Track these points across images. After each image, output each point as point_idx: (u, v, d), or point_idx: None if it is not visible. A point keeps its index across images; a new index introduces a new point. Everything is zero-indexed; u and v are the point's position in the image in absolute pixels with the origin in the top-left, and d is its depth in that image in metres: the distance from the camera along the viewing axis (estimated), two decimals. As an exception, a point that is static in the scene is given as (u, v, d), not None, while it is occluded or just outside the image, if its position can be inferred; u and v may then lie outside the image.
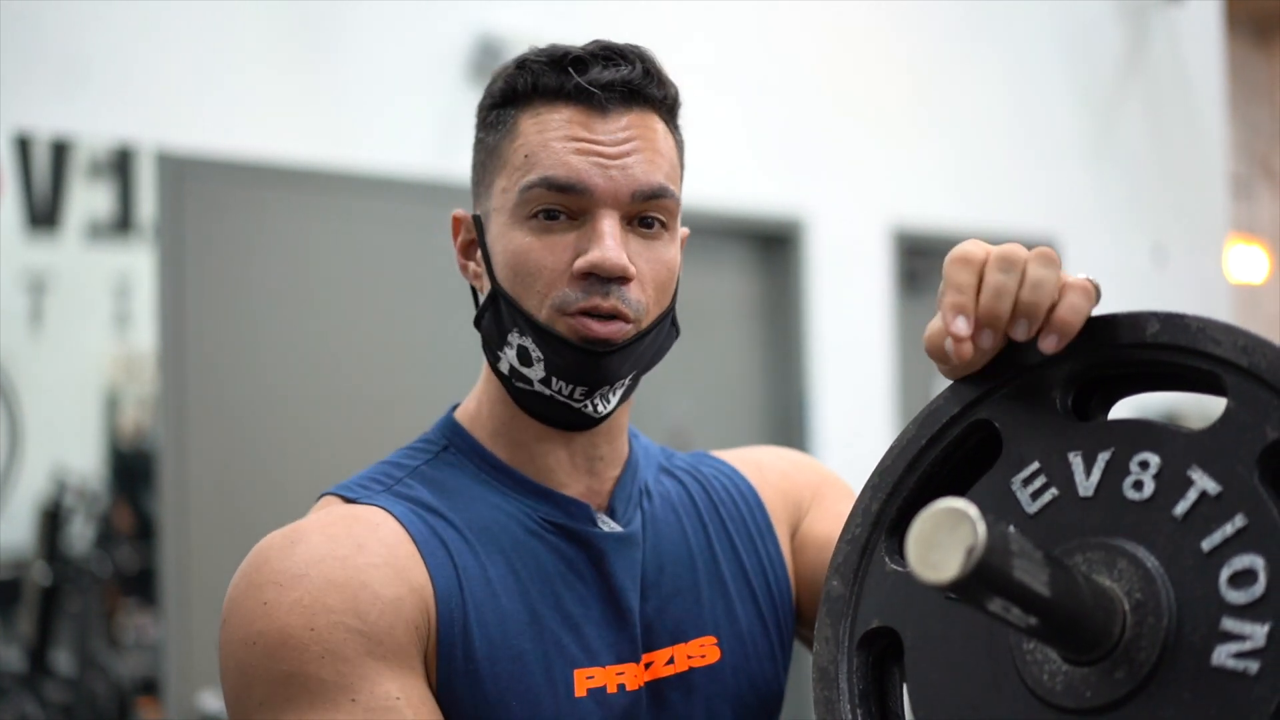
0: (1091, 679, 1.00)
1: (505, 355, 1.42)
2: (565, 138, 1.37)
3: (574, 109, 1.38)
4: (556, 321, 1.37)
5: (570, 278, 1.36)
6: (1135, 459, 1.05)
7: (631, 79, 1.40)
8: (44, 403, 4.25)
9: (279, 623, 1.27)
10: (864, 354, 5.84)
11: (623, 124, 1.39)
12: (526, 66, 1.42)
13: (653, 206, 1.39)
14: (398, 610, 1.30)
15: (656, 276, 1.41)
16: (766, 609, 1.56)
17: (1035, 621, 0.94)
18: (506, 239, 1.39)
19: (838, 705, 1.16)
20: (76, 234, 4.28)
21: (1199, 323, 1.05)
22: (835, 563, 1.20)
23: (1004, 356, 1.15)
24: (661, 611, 1.46)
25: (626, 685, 1.41)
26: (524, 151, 1.39)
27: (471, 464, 1.46)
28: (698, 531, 1.55)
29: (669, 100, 1.45)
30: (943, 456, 1.18)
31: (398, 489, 1.42)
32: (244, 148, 4.05)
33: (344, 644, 1.27)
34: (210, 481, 3.93)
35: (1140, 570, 1.01)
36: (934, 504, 0.87)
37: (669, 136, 1.44)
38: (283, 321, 4.12)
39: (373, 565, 1.31)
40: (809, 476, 1.71)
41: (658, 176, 1.39)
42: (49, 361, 4.31)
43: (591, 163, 1.36)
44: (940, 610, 1.11)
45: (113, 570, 4.27)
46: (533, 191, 1.37)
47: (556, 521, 1.43)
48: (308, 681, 1.25)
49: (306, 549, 1.31)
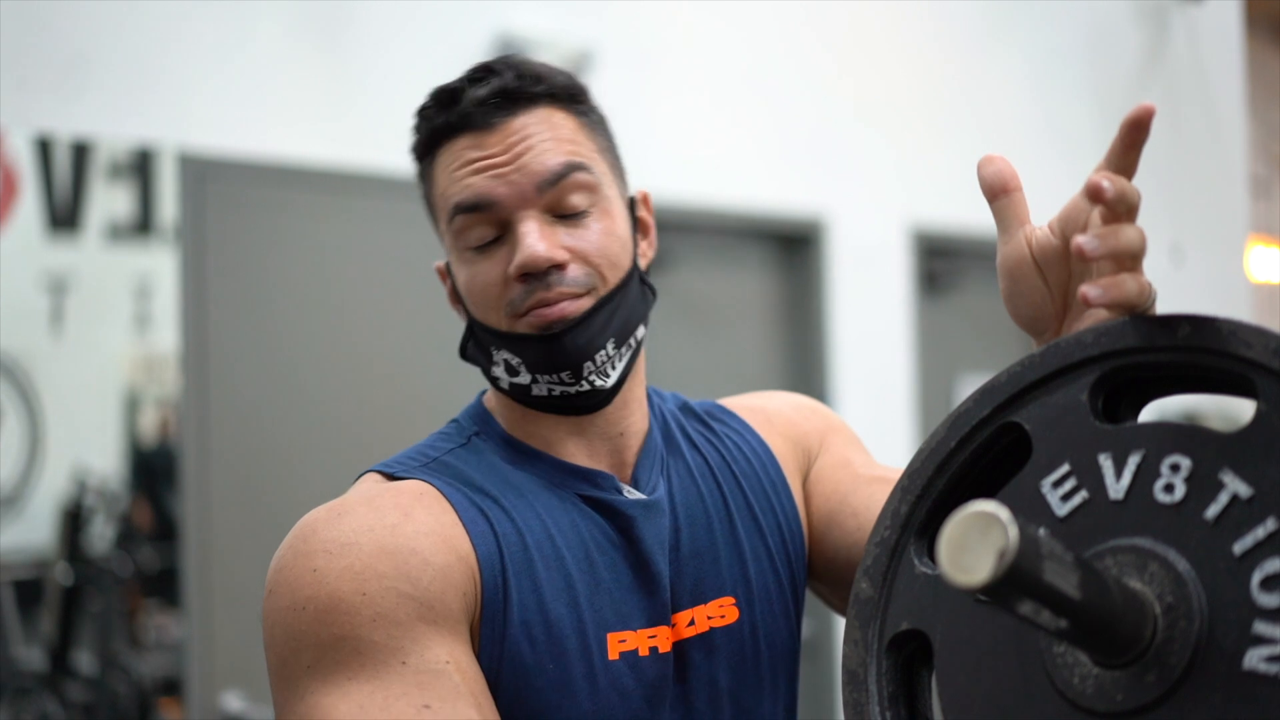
0: (1122, 682, 1.00)
1: (498, 374, 1.48)
2: (463, 164, 1.44)
3: (465, 137, 1.44)
4: (516, 324, 1.43)
5: (511, 283, 1.42)
6: (1166, 461, 1.05)
7: (505, 87, 1.44)
8: (64, 404, 4.26)
9: (330, 588, 1.29)
10: (884, 354, 5.83)
11: (510, 129, 1.44)
12: (420, 117, 1.49)
13: (565, 188, 1.44)
14: (447, 577, 1.34)
15: (598, 247, 1.45)
16: (782, 566, 1.59)
17: (1066, 624, 0.94)
18: (461, 274, 1.47)
19: (867, 708, 1.16)
20: (97, 235, 4.28)
21: (1230, 325, 1.04)
22: (864, 565, 1.20)
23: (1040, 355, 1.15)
24: (682, 573, 1.50)
25: (659, 648, 1.45)
26: (440, 192, 1.47)
27: (500, 447, 1.51)
28: (714, 493, 1.58)
29: (558, 90, 1.48)
30: (972, 459, 1.18)
31: (434, 466, 1.46)
32: (265, 149, 4.05)
33: (396, 608, 1.29)
34: (232, 482, 3.93)
35: (1171, 573, 1.01)
36: (966, 507, 0.87)
37: (570, 119, 1.48)
38: (304, 322, 4.12)
39: (421, 533, 1.35)
40: (815, 422, 1.75)
41: (557, 159, 1.43)
42: (69, 362, 4.31)
43: (489, 176, 1.42)
44: (970, 613, 1.11)
45: (134, 570, 4.28)
46: (455, 223, 1.44)
47: (585, 494, 1.48)
48: (359, 644, 1.27)
49: (354, 519, 1.34)
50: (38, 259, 4.19)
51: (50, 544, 4.19)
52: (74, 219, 4.22)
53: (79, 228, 4.25)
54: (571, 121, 1.48)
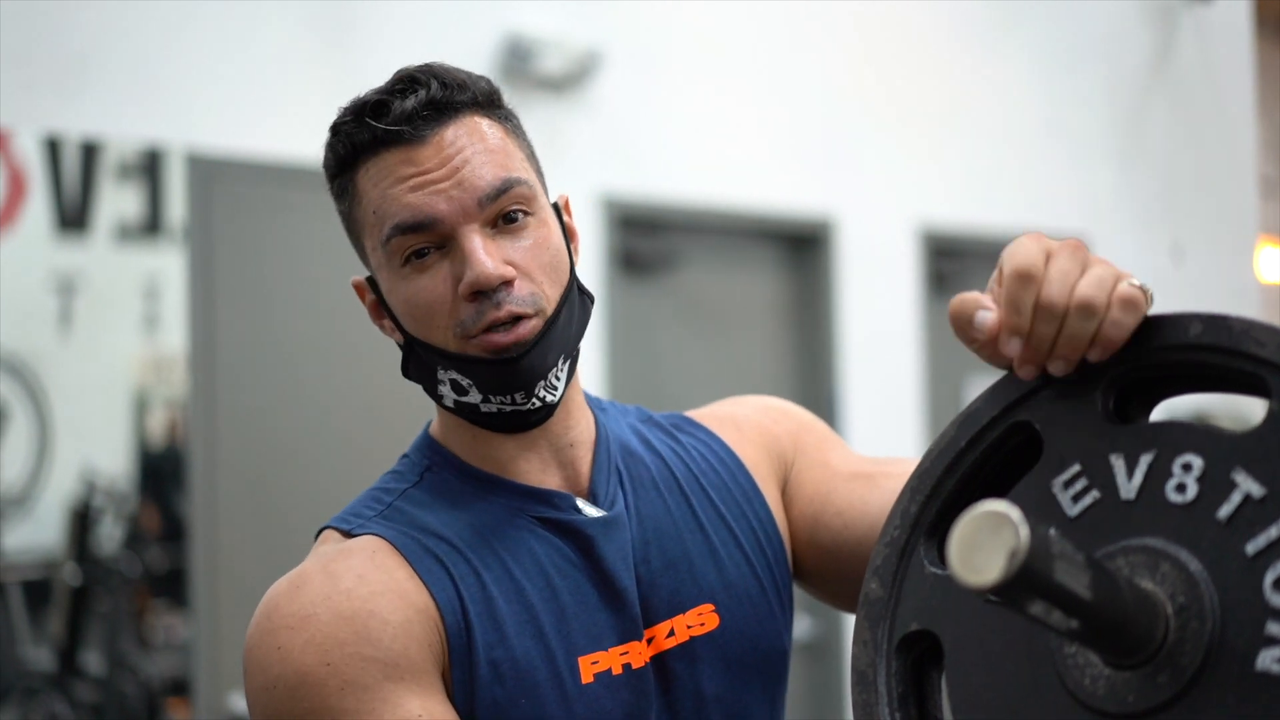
0: (1134, 683, 0.99)
1: (444, 392, 1.46)
2: (396, 180, 1.40)
3: (394, 150, 1.41)
4: (467, 346, 1.41)
5: (460, 301, 1.39)
6: (1178, 461, 1.04)
7: (432, 98, 1.42)
8: (73, 404, 4.26)
9: (295, 664, 1.31)
10: (893, 354, 5.83)
11: (443, 141, 1.41)
12: (340, 131, 1.46)
13: (505, 202, 1.41)
14: (409, 632, 1.34)
15: (539, 261, 1.43)
16: (762, 570, 1.57)
17: (1077, 625, 0.93)
18: (395, 291, 1.44)
19: (876, 709, 1.15)
20: (106, 236, 4.29)
21: (1242, 324, 1.04)
22: (874, 565, 1.20)
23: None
24: (655, 586, 1.49)
25: (632, 664, 1.44)
26: (371, 209, 1.43)
27: (455, 478, 1.49)
28: (680, 503, 1.56)
29: (480, 97, 1.46)
30: (982, 459, 1.17)
31: (389, 513, 1.45)
32: (273, 149, 4.05)
33: (362, 673, 1.31)
34: (240, 482, 3.93)
35: (1183, 574, 1.00)
36: (976, 506, 0.86)
37: (496, 127, 1.46)
38: (312, 322, 4.12)
39: (376, 594, 1.35)
40: (787, 425, 1.72)
41: (496, 173, 1.41)
42: (78, 363, 4.32)
43: (428, 194, 1.39)
44: (980, 613, 1.10)
45: (142, 571, 4.28)
46: (392, 243, 1.41)
47: (542, 516, 1.46)
48: (331, 715, 1.29)
49: (311, 590, 1.35)
50: (46, 260, 4.20)
51: (59, 544, 4.20)
52: (83, 220, 4.23)
53: (88, 228, 4.26)
54: (497, 129, 1.45)
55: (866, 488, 1.59)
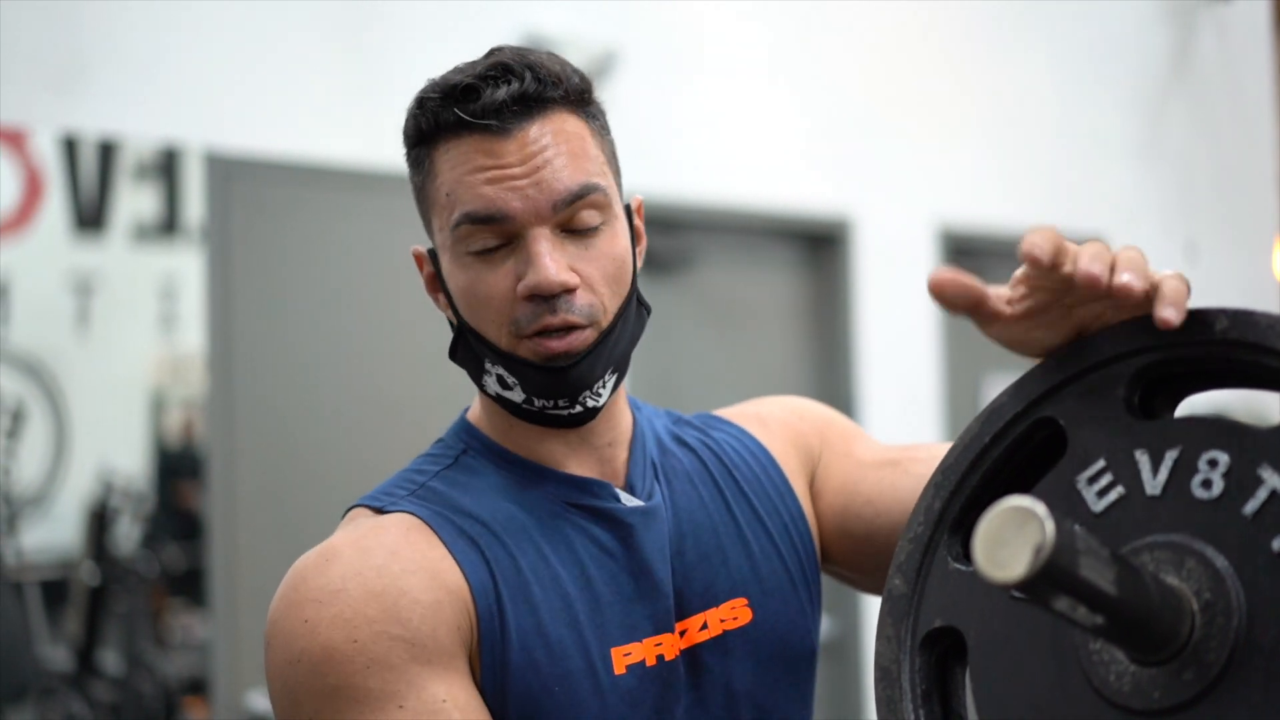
0: (1160, 680, 0.99)
1: (488, 382, 1.45)
2: (475, 169, 1.39)
3: (477, 137, 1.39)
4: (518, 346, 1.40)
5: (517, 301, 1.38)
6: (1204, 457, 1.03)
7: (524, 92, 1.39)
8: (90, 404, 4.27)
9: (321, 639, 1.29)
10: (911, 354, 5.82)
11: (527, 138, 1.39)
12: (425, 105, 1.43)
13: (579, 207, 1.40)
14: (438, 613, 1.33)
15: (604, 273, 1.42)
16: (794, 566, 1.57)
17: (1102, 621, 0.93)
18: (455, 276, 1.43)
19: (900, 705, 1.15)
20: (123, 235, 4.29)
21: (1269, 319, 1.03)
22: (897, 561, 1.19)
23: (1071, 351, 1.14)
24: (689, 578, 1.48)
25: (665, 655, 1.44)
26: (445, 190, 1.41)
27: (491, 462, 1.49)
28: (715, 498, 1.56)
29: (573, 93, 1.44)
30: (1006, 455, 1.17)
31: (422, 493, 1.44)
32: (291, 148, 4.05)
33: (388, 652, 1.29)
34: (258, 481, 3.93)
35: (1209, 570, 0.99)
36: (1001, 502, 0.86)
37: (583, 126, 1.45)
38: (330, 322, 4.12)
39: (408, 572, 1.34)
40: (811, 421, 1.73)
41: (576, 178, 1.40)
42: (95, 363, 4.32)
43: (504, 188, 1.37)
44: (1004, 609, 1.10)
45: (159, 570, 4.29)
46: (460, 229, 1.40)
47: (581, 503, 1.46)
48: (354, 693, 1.28)
49: (341, 564, 1.34)
50: (64, 259, 4.20)
51: (76, 544, 4.20)
52: (100, 219, 4.23)
53: (105, 228, 4.26)
54: (583, 128, 1.44)
55: (896, 474, 1.58)
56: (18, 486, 4.09)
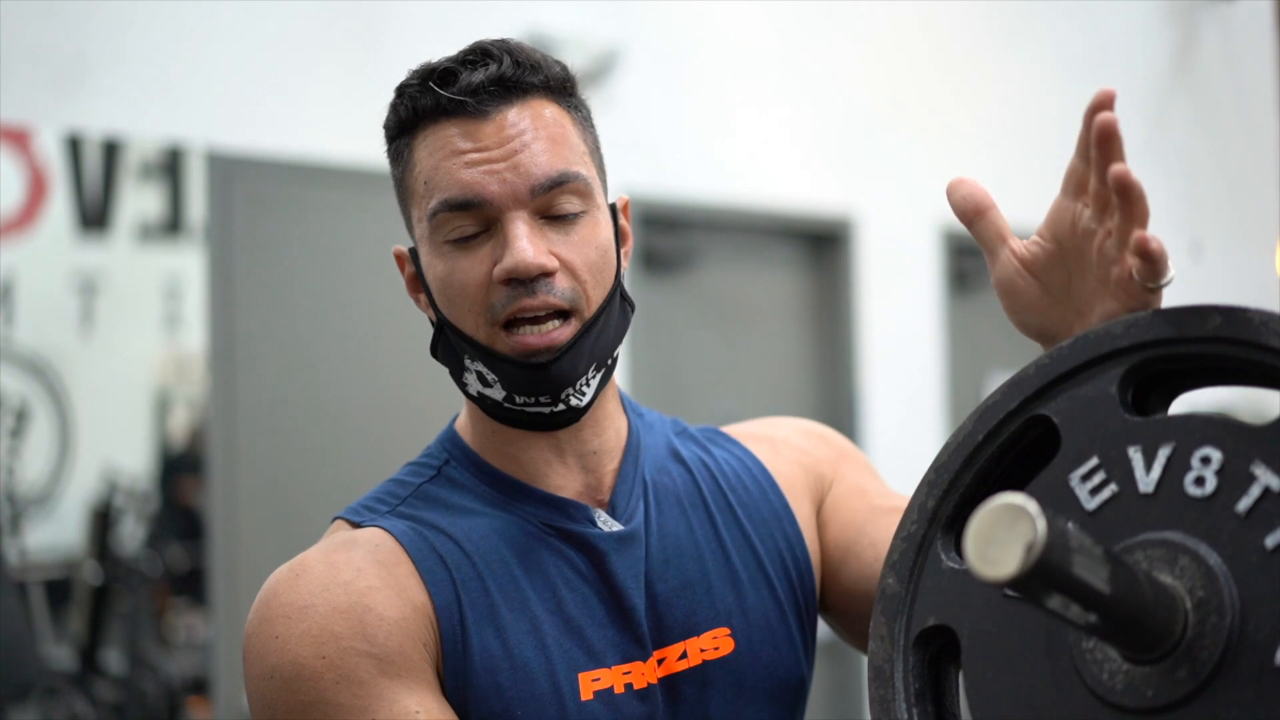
0: (1153, 678, 0.99)
1: (469, 380, 1.43)
2: (452, 153, 1.37)
3: (455, 122, 1.38)
4: (496, 340, 1.38)
5: (494, 285, 1.37)
6: (1197, 454, 1.03)
7: (502, 75, 1.38)
8: (94, 404, 4.27)
9: (291, 655, 1.31)
10: (914, 353, 5.82)
11: (505, 121, 1.38)
12: (404, 93, 1.42)
13: (558, 194, 1.38)
14: (404, 629, 1.33)
15: (585, 260, 1.40)
16: (784, 594, 1.54)
17: (1095, 619, 0.93)
18: (433, 267, 1.41)
19: (893, 704, 1.14)
20: (127, 235, 4.30)
21: (1262, 316, 1.03)
22: (891, 560, 1.19)
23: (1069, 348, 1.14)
24: (670, 606, 1.46)
25: (634, 684, 1.41)
26: (423, 179, 1.40)
27: (472, 476, 1.47)
28: (703, 523, 1.53)
29: (553, 81, 1.43)
30: (1000, 452, 1.16)
31: (401, 509, 1.44)
32: (294, 147, 4.06)
33: (356, 668, 1.30)
34: (260, 481, 3.94)
35: (1202, 567, 0.99)
36: (993, 499, 0.86)
37: (564, 115, 1.43)
38: (332, 321, 4.12)
39: (374, 588, 1.34)
40: (827, 450, 1.70)
41: (555, 164, 1.38)
42: (99, 363, 4.33)
43: (481, 172, 1.36)
44: (998, 608, 1.10)
45: (163, 570, 4.29)
46: (438, 217, 1.38)
47: (556, 525, 1.44)
48: (326, 708, 1.29)
49: (310, 580, 1.34)
50: (67, 259, 4.21)
51: (80, 544, 4.20)
52: (104, 219, 4.24)
53: (109, 228, 4.27)
54: (564, 118, 1.42)
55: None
56: (22, 486, 4.10)
